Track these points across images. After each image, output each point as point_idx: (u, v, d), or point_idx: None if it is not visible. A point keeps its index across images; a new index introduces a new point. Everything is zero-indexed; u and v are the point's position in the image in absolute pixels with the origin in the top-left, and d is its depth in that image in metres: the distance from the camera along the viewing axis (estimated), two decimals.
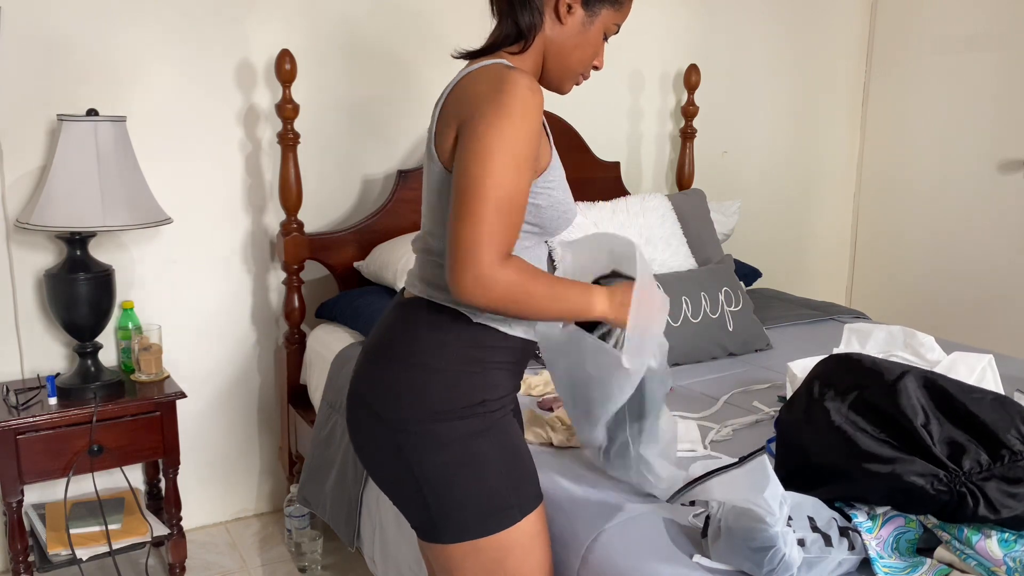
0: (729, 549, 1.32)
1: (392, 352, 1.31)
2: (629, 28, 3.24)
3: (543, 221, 1.30)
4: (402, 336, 1.31)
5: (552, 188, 1.28)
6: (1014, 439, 1.26)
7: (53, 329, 2.31)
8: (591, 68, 1.37)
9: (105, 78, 2.30)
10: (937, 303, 3.55)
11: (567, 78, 1.35)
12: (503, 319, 1.30)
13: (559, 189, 1.30)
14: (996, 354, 1.97)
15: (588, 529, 1.48)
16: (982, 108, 3.36)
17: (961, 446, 1.27)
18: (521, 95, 1.19)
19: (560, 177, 1.31)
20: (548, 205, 1.29)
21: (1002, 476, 1.24)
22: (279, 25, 2.51)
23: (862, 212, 3.90)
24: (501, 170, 1.16)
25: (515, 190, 1.17)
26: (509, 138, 1.17)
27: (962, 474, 1.24)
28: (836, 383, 1.43)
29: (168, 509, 2.26)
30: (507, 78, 1.20)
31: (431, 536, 1.31)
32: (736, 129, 3.49)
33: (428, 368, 1.28)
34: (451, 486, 1.27)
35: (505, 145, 1.17)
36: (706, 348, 2.42)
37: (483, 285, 1.16)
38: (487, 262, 1.15)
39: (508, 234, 1.17)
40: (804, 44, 3.59)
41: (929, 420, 1.30)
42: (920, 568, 1.29)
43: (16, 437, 2.02)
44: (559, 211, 1.31)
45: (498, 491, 1.29)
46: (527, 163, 1.19)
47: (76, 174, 2.04)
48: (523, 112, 1.18)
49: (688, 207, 2.86)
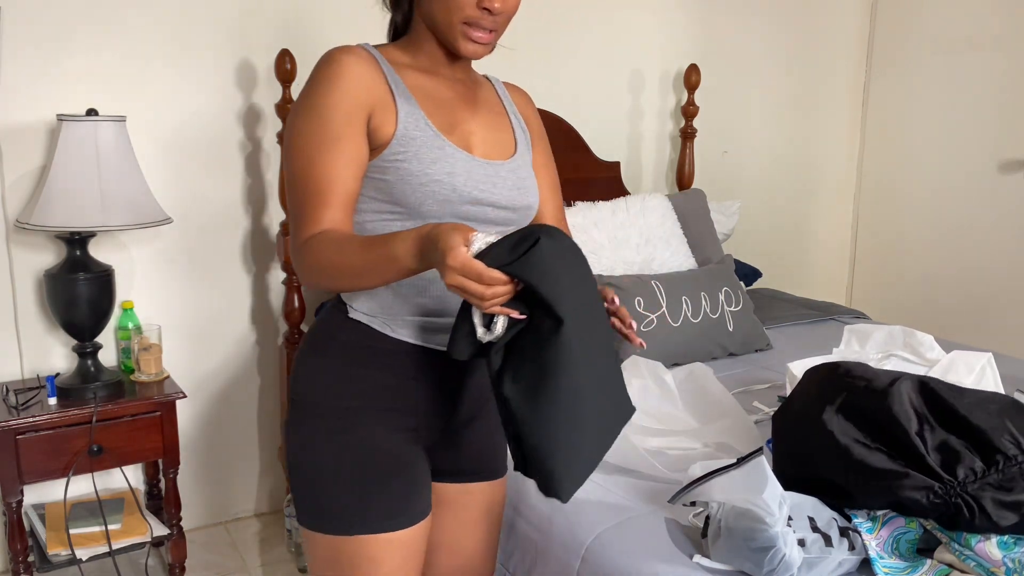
0: (729, 549, 1.32)
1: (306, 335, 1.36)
2: (629, 28, 3.26)
3: (398, 197, 1.20)
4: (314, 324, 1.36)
5: (402, 160, 1.19)
6: (1008, 443, 1.26)
7: (53, 329, 2.31)
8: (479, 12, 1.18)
9: (105, 78, 2.30)
10: (937, 303, 3.54)
11: (451, 36, 1.22)
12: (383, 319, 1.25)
13: (413, 160, 1.19)
14: (996, 354, 1.97)
15: (588, 529, 1.48)
16: (982, 108, 3.36)
17: (955, 452, 1.27)
18: (319, 69, 1.19)
19: (418, 148, 1.19)
20: (398, 179, 1.19)
21: (997, 484, 1.24)
22: (279, 24, 2.51)
23: (862, 212, 3.90)
24: (302, 148, 1.16)
25: (317, 166, 1.15)
26: (307, 116, 1.17)
27: (956, 484, 1.24)
28: (827, 390, 1.43)
29: (168, 509, 2.26)
30: (322, 56, 1.20)
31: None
32: (736, 129, 3.49)
33: (310, 354, 1.30)
34: (295, 471, 1.27)
35: (302, 123, 1.17)
36: (706, 348, 2.42)
37: (297, 264, 1.17)
38: (296, 244, 1.17)
39: (317, 213, 1.15)
40: (804, 44, 3.59)
41: (923, 426, 1.30)
42: (920, 568, 1.29)
43: (16, 437, 2.02)
44: (414, 184, 1.18)
45: (335, 496, 1.23)
46: (333, 138, 1.16)
47: (76, 174, 2.03)
48: (322, 85, 1.17)
49: (688, 207, 2.86)
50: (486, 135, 1.31)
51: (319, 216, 1.15)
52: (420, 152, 1.19)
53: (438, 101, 1.26)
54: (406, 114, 1.21)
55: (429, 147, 1.20)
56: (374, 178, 1.21)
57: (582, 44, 3.04)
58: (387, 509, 1.23)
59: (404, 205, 1.20)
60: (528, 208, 1.33)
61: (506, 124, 1.37)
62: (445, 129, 1.24)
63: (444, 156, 1.21)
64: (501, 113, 1.38)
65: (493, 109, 1.37)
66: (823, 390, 1.43)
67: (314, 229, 1.15)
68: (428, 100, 1.25)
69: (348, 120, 1.16)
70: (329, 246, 1.13)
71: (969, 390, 1.37)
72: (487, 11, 1.18)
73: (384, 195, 1.21)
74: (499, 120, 1.36)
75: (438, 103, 1.26)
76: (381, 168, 1.20)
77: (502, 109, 1.39)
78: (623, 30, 3.13)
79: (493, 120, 1.35)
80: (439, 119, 1.24)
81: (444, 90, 1.29)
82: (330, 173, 1.16)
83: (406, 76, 1.25)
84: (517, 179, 1.31)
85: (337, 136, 1.16)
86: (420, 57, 1.28)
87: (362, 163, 1.19)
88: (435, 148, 1.21)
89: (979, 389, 1.46)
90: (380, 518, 1.23)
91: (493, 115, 1.35)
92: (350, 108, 1.17)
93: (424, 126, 1.21)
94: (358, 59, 1.20)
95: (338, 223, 1.16)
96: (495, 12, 1.19)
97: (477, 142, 1.29)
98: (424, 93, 1.25)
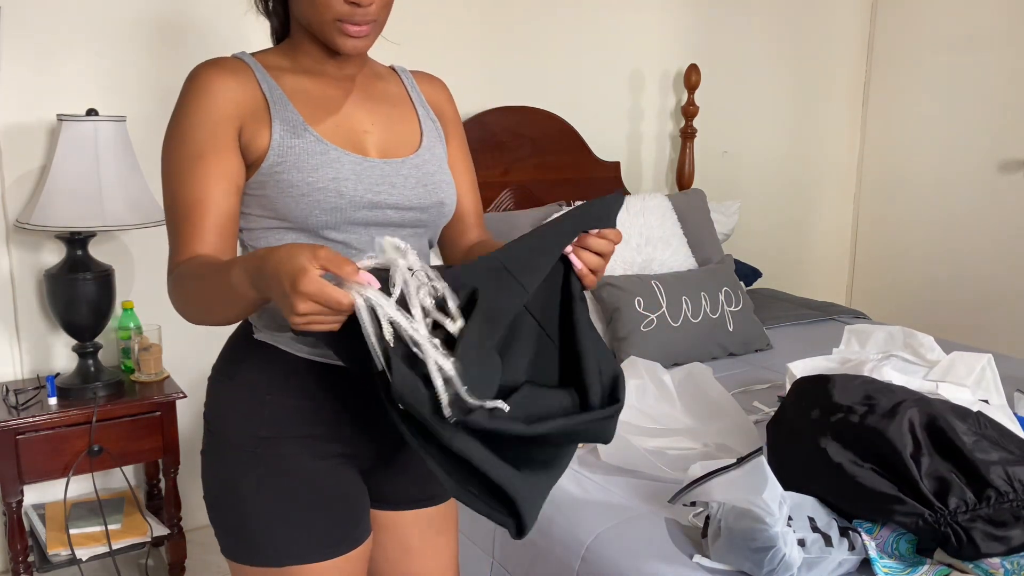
0: (729, 549, 1.32)
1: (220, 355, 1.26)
2: (629, 28, 3.25)
3: (282, 211, 1.11)
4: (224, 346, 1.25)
5: (280, 171, 1.10)
6: (999, 479, 1.27)
7: (53, 329, 2.30)
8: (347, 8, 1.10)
9: (105, 78, 2.30)
10: (937, 303, 3.55)
11: (326, 33, 1.13)
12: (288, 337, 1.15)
13: (293, 170, 1.10)
14: (996, 354, 1.97)
15: (588, 529, 1.48)
16: (983, 108, 3.36)
17: (948, 482, 1.29)
18: (184, 86, 1.13)
19: (297, 156, 1.11)
20: (279, 193, 1.10)
21: (988, 518, 1.26)
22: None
23: (862, 212, 3.90)
24: (168, 171, 1.11)
25: (183, 187, 1.09)
26: (171, 136, 1.11)
27: (947, 513, 1.26)
28: (823, 404, 1.44)
29: (168, 509, 2.26)
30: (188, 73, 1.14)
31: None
32: (736, 129, 3.49)
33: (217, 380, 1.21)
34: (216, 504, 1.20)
35: (167, 145, 1.12)
36: (706, 348, 2.42)
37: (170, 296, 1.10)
38: (168, 271, 1.10)
39: (188, 238, 1.08)
40: (804, 44, 3.59)
41: (920, 451, 1.31)
42: (920, 568, 1.29)
43: (16, 437, 2.02)
44: (295, 196, 1.09)
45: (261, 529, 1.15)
46: (196, 155, 1.09)
47: (76, 174, 2.03)
48: (183, 103, 1.11)
49: (688, 207, 2.86)
50: (384, 132, 1.20)
51: (191, 240, 1.08)
52: (300, 160, 1.11)
53: (322, 102, 1.17)
54: (282, 121, 1.12)
55: (310, 153, 1.11)
56: (255, 195, 1.12)
57: (582, 44, 3.03)
58: (318, 538, 1.15)
59: (290, 219, 1.11)
60: (440, 205, 1.21)
61: (411, 116, 1.26)
62: (329, 132, 1.15)
63: (327, 161, 1.11)
64: (405, 105, 1.26)
65: (394, 102, 1.25)
66: (817, 408, 1.44)
67: (186, 254, 1.08)
68: (309, 103, 1.16)
69: (212, 136, 1.09)
70: (187, 276, 1.06)
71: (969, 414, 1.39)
72: (355, 4, 1.09)
73: (268, 210, 1.12)
74: (401, 113, 1.25)
75: (322, 104, 1.17)
76: (260, 183, 1.11)
77: (407, 101, 1.27)
78: (623, 30, 3.13)
79: (393, 114, 1.23)
80: (322, 122, 1.15)
81: (330, 90, 1.19)
82: (197, 194, 1.08)
83: (284, 81, 1.16)
84: (422, 175, 1.20)
85: (200, 154, 1.09)
86: (301, 58, 1.19)
87: (233, 179, 1.11)
88: (317, 154, 1.11)
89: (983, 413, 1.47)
90: (312, 547, 1.15)
91: (394, 108, 1.24)
92: (215, 124, 1.09)
93: (303, 131, 1.12)
94: (222, 71, 1.12)
95: (210, 247, 1.08)
96: (364, 4, 1.10)
97: (373, 141, 1.19)
98: (305, 96, 1.16)
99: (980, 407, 1.59)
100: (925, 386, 1.70)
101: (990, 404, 1.70)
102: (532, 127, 2.86)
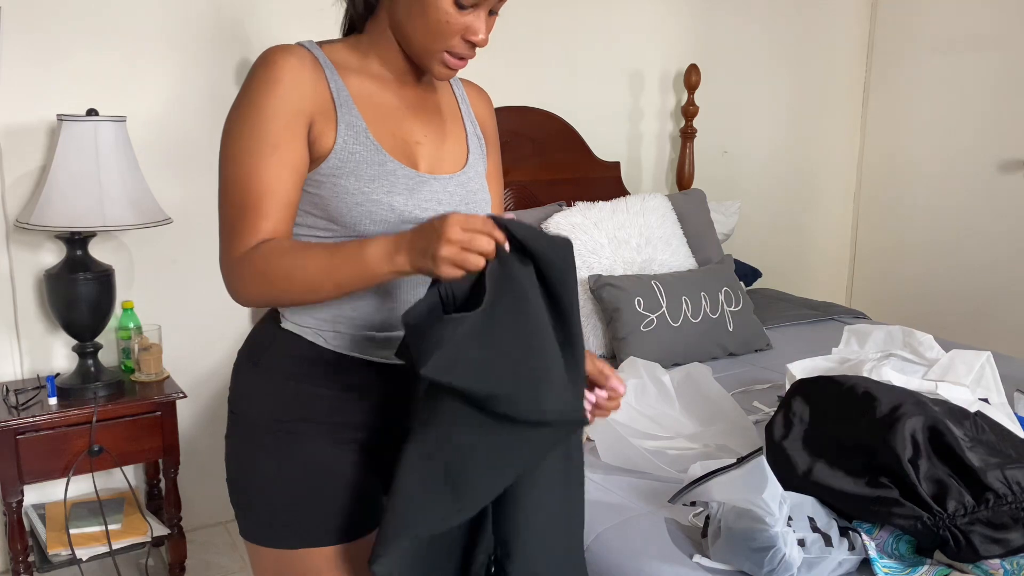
0: (729, 549, 1.32)
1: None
2: (629, 28, 3.25)
3: (333, 214, 1.13)
4: (249, 335, 1.30)
5: (339, 176, 1.12)
6: (997, 482, 1.28)
7: (53, 329, 2.31)
8: (463, 44, 1.14)
9: (105, 78, 2.30)
10: (937, 303, 3.55)
11: (425, 57, 1.16)
12: (315, 329, 1.19)
13: (351, 177, 1.12)
14: (996, 354, 1.97)
15: (588, 529, 1.47)
16: (982, 108, 3.36)
17: (946, 485, 1.29)
18: (256, 71, 1.11)
19: (357, 163, 1.13)
20: (333, 196, 1.12)
21: (986, 521, 1.26)
22: (280, 24, 2.51)
23: (862, 212, 3.90)
24: (237, 156, 1.10)
25: (253, 175, 1.09)
26: (243, 122, 1.10)
27: (946, 516, 1.26)
28: (825, 409, 1.45)
29: (168, 509, 2.26)
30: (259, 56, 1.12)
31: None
32: (736, 129, 3.49)
33: (244, 367, 1.25)
34: (236, 486, 1.23)
35: (236, 128, 1.10)
36: (706, 348, 2.42)
37: (235, 278, 1.11)
38: (231, 257, 1.10)
39: (256, 223, 1.09)
40: (804, 44, 3.59)
41: (919, 455, 1.32)
42: (920, 568, 1.29)
43: (16, 437, 2.02)
44: (350, 203, 1.12)
45: (278, 511, 1.19)
46: (272, 145, 1.09)
47: (76, 174, 2.03)
48: (258, 88, 1.10)
49: (688, 207, 2.86)
50: (435, 146, 1.23)
51: (258, 226, 1.09)
52: (359, 168, 1.13)
53: (384, 110, 1.18)
54: (347, 126, 1.13)
55: (369, 163, 1.13)
56: (308, 192, 1.14)
57: (582, 44, 3.04)
58: (333, 523, 1.18)
59: (340, 223, 1.13)
60: None
61: (459, 132, 1.28)
62: (388, 142, 1.16)
63: (384, 173, 1.14)
64: (455, 120, 1.29)
65: (447, 116, 1.28)
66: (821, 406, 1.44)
67: (252, 240, 1.09)
68: (371, 108, 1.17)
69: (288, 128, 1.10)
70: (279, 254, 1.07)
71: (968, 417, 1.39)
72: (470, 43, 1.14)
73: (319, 210, 1.14)
74: (452, 128, 1.27)
75: (383, 112, 1.18)
76: (316, 182, 1.13)
77: (458, 114, 1.30)
78: (623, 30, 3.13)
79: (445, 128, 1.26)
80: (382, 131, 1.17)
81: (389, 96, 1.20)
82: (270, 183, 1.09)
83: (351, 82, 1.16)
84: (466, 193, 1.23)
85: (276, 144, 1.09)
86: (371, 61, 1.20)
87: (302, 172, 1.12)
88: (375, 164, 1.13)
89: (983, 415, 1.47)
90: (327, 531, 1.18)
91: (446, 122, 1.27)
92: (290, 115, 1.10)
93: (365, 139, 1.14)
94: (299, 61, 1.12)
95: (279, 234, 1.11)
96: (480, 45, 1.15)
97: (424, 154, 1.21)
98: (369, 101, 1.17)
99: (980, 406, 1.59)
100: (924, 385, 1.70)
101: (990, 403, 1.70)
102: (532, 127, 2.86)
